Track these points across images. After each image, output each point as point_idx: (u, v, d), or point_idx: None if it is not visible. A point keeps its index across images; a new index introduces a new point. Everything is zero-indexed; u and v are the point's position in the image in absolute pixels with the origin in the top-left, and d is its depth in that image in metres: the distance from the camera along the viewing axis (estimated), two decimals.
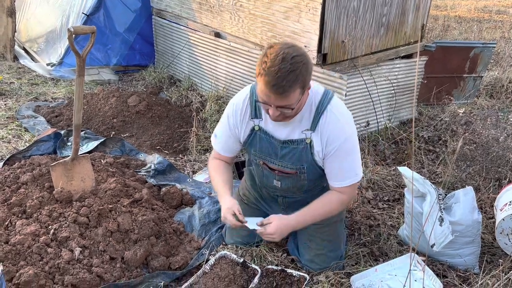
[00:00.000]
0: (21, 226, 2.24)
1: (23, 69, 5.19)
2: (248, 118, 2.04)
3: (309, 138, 1.96)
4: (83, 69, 2.28)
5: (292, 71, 1.67)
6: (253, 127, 2.04)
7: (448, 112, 4.00)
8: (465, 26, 8.40)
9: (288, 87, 1.69)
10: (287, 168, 2.06)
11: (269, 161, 2.08)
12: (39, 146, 3.16)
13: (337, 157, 1.96)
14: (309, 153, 1.99)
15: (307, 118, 1.94)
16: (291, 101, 1.76)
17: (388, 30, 3.65)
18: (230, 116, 2.09)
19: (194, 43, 4.59)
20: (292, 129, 1.98)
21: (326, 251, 2.28)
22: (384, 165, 3.43)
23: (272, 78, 1.67)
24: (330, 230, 2.29)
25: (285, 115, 1.85)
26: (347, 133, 1.95)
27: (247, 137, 2.08)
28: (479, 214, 2.30)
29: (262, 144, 2.05)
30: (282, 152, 2.03)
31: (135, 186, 2.77)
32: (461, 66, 4.29)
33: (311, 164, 2.03)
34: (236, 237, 2.43)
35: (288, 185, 2.15)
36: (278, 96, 1.72)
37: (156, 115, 3.92)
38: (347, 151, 1.96)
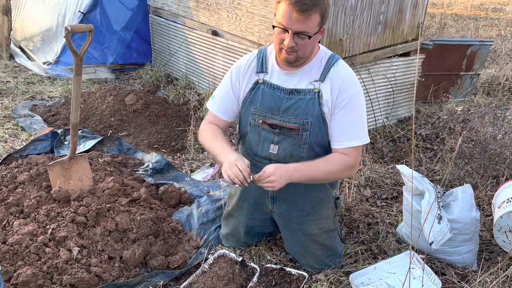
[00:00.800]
0: (18, 226, 2.23)
1: (19, 67, 5.16)
2: (252, 72, 2.00)
3: (318, 88, 1.91)
4: (80, 68, 2.27)
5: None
6: (257, 81, 1.99)
7: (445, 110, 4.01)
8: (462, 24, 8.42)
9: (310, 6, 1.69)
10: (290, 123, 1.95)
11: (270, 117, 1.98)
12: (36, 145, 3.14)
13: (348, 110, 1.90)
14: (316, 104, 1.91)
15: (317, 69, 1.92)
16: (310, 26, 1.74)
17: (386, 28, 3.65)
18: (232, 72, 2.05)
19: (191, 41, 4.57)
20: (300, 79, 1.94)
21: (322, 256, 2.25)
22: (382, 163, 3.43)
23: None
24: (324, 241, 2.24)
25: (298, 53, 1.81)
26: (359, 87, 1.93)
27: (248, 92, 2.01)
28: (477, 212, 2.30)
29: (264, 98, 1.98)
30: (287, 104, 1.94)
31: (133, 185, 2.76)
32: (458, 64, 4.30)
33: (316, 119, 1.92)
34: (233, 243, 2.42)
35: (286, 150, 1.99)
36: (300, 15, 1.69)
37: (153, 113, 3.90)
38: (358, 106, 1.92)
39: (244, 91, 2.03)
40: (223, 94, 2.09)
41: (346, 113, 1.90)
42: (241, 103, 2.05)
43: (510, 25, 8.61)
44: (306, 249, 2.25)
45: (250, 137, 2.08)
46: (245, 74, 2.01)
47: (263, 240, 2.44)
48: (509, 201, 2.42)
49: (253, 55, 2.04)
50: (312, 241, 2.22)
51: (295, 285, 2.15)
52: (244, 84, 2.02)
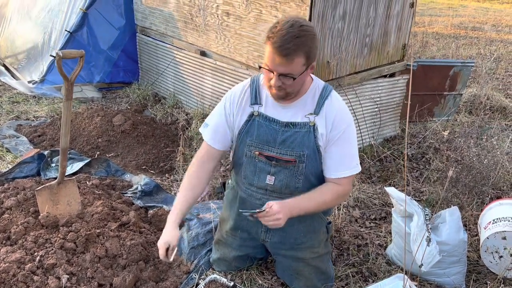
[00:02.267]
0: (5, 254, 2.18)
1: (3, 86, 5.10)
2: (246, 104, 2.02)
3: (313, 122, 1.94)
4: (71, 92, 2.26)
5: (299, 37, 1.71)
6: (252, 113, 2.00)
7: (430, 130, 4.09)
8: (443, 43, 8.63)
9: (292, 50, 1.71)
10: (287, 155, 1.98)
11: (266, 149, 2.00)
12: (22, 168, 3.10)
13: (341, 142, 1.95)
14: (312, 137, 1.95)
15: (311, 102, 1.96)
16: (294, 69, 1.76)
17: (372, 50, 3.73)
18: (226, 103, 2.05)
19: (179, 61, 4.59)
20: (295, 113, 1.97)
21: (315, 280, 2.25)
22: (370, 183, 3.47)
23: (278, 39, 1.70)
24: (317, 264, 2.25)
25: (286, 91, 1.85)
26: (351, 120, 1.99)
27: (243, 124, 2.02)
28: (465, 234, 2.35)
29: (260, 130, 1.99)
30: (283, 136, 1.97)
31: (122, 208, 2.73)
32: (441, 84, 4.40)
33: (312, 151, 1.96)
34: (224, 267, 2.41)
35: (282, 181, 2.02)
36: (283, 59, 1.73)
37: (141, 134, 3.89)
38: (350, 138, 1.97)
39: (239, 123, 2.03)
40: (217, 123, 2.08)
41: (339, 146, 1.96)
42: (237, 134, 2.05)
43: (489, 43, 8.87)
44: (299, 272, 2.25)
45: (246, 168, 2.09)
46: (240, 106, 2.02)
47: (255, 264, 2.44)
48: (495, 221, 2.47)
49: (246, 85, 2.04)
50: (305, 264, 2.23)
51: None
52: (239, 115, 2.03)
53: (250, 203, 2.14)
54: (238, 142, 2.06)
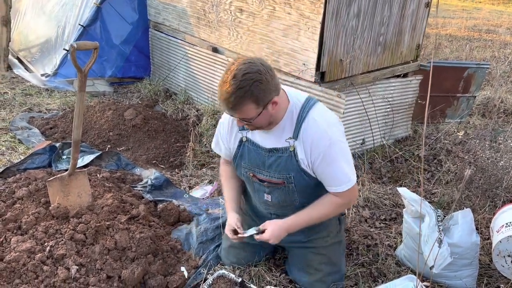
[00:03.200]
0: (16, 243, 2.19)
1: (17, 79, 5.14)
2: (236, 130, 2.09)
3: (293, 146, 1.96)
4: (84, 84, 2.27)
5: (240, 88, 1.72)
6: (241, 139, 2.09)
7: (443, 132, 4.04)
8: (456, 45, 8.54)
9: (237, 103, 1.75)
10: (274, 178, 2.06)
11: (258, 172, 2.10)
12: (34, 159, 3.12)
13: (325, 163, 1.94)
14: (294, 161, 1.98)
15: (289, 126, 1.96)
16: (246, 115, 1.81)
17: (385, 49, 3.70)
18: (220, 134, 2.19)
19: (191, 57, 4.59)
20: (276, 139, 2.00)
21: (325, 274, 2.25)
22: (380, 184, 3.44)
23: (222, 93, 1.76)
24: (328, 253, 2.27)
25: (253, 126, 1.91)
26: (332, 138, 1.91)
27: (236, 149, 2.13)
28: (477, 236, 2.31)
29: (250, 155, 2.09)
30: (269, 161, 2.04)
31: (132, 202, 2.74)
32: (455, 86, 4.35)
33: (297, 173, 2.00)
34: (233, 257, 2.41)
35: (278, 198, 2.13)
36: (229, 110, 1.80)
37: (152, 129, 3.90)
38: (334, 157, 1.93)
39: (233, 146, 2.14)
40: (221, 143, 2.22)
41: (324, 167, 1.95)
42: (233, 157, 2.17)
43: (503, 47, 8.75)
44: (309, 264, 2.25)
45: (247, 185, 2.27)
46: (231, 133, 2.12)
47: (263, 260, 2.42)
48: (508, 225, 2.43)
49: None
50: (316, 254, 2.25)
51: None
52: (232, 140, 2.13)
53: (258, 210, 2.34)
54: (235, 163, 2.19)
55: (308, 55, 3.30)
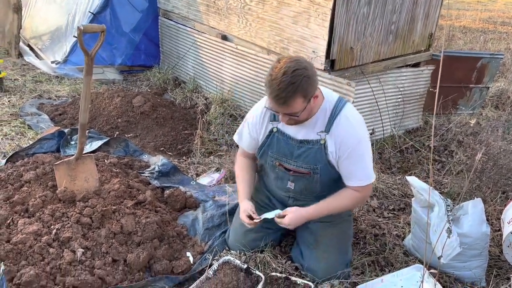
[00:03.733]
0: (23, 225, 2.20)
1: (27, 66, 5.17)
2: (267, 121, 2.19)
3: (324, 139, 2.07)
4: (91, 68, 2.26)
5: (292, 83, 1.82)
6: (272, 129, 2.18)
7: (454, 122, 3.98)
8: (470, 36, 8.40)
9: (288, 98, 1.85)
10: (302, 168, 2.15)
11: (285, 161, 2.18)
12: (42, 144, 3.13)
13: (351, 160, 2.06)
14: (323, 153, 2.08)
15: (322, 121, 2.07)
16: (294, 110, 1.91)
17: (397, 37, 3.63)
18: (250, 122, 2.25)
19: (200, 45, 4.57)
20: (308, 131, 2.10)
21: (333, 253, 2.25)
22: (389, 174, 3.40)
23: (273, 89, 1.85)
24: (338, 230, 2.31)
25: (295, 120, 2.00)
26: (360, 137, 2.06)
27: (265, 138, 2.21)
28: (488, 227, 2.27)
29: (279, 145, 2.17)
30: (298, 152, 2.13)
31: (138, 187, 2.74)
32: (468, 76, 4.27)
33: (325, 165, 2.11)
34: (240, 234, 2.39)
35: (301, 186, 2.22)
36: (280, 106, 1.89)
37: (160, 116, 3.89)
38: (360, 155, 2.06)
39: (262, 136, 2.23)
40: (246, 136, 2.30)
41: (350, 162, 2.07)
42: (260, 146, 2.25)
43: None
44: (319, 240, 2.28)
45: (269, 174, 2.33)
46: (261, 124, 2.21)
47: (269, 247, 2.41)
48: None
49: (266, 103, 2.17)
50: (328, 227, 2.29)
51: None
52: (261, 131, 2.22)
53: (278, 195, 2.37)
54: (260, 152, 2.27)
55: (318, 42, 3.26)
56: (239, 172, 2.38)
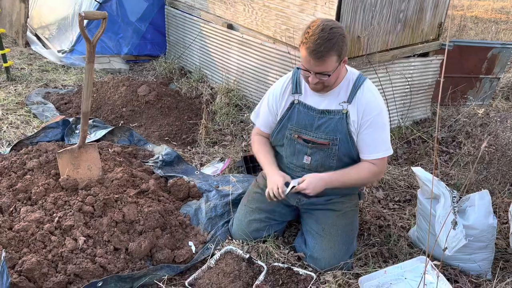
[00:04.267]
0: (25, 213, 2.21)
1: (34, 55, 5.17)
2: (288, 94, 2.25)
3: (346, 109, 2.13)
4: (93, 55, 2.24)
5: (330, 40, 1.89)
6: (293, 101, 2.23)
7: (463, 113, 3.91)
8: (482, 27, 8.24)
9: (325, 53, 1.91)
10: (321, 138, 2.18)
11: (304, 133, 2.22)
12: (47, 133, 3.13)
13: (371, 129, 2.12)
14: (344, 123, 2.14)
15: (344, 92, 2.14)
16: (327, 68, 1.96)
17: (405, 26, 3.56)
18: (270, 97, 2.31)
19: (206, 34, 4.53)
20: (330, 101, 2.16)
21: (338, 243, 2.24)
22: (395, 165, 3.36)
23: (312, 44, 1.90)
24: (345, 220, 2.31)
25: (324, 84, 2.06)
26: (381, 108, 2.14)
27: (285, 111, 2.26)
28: (495, 219, 2.22)
29: (299, 116, 2.22)
30: (319, 122, 2.18)
31: (142, 176, 2.73)
32: (478, 67, 4.19)
33: (344, 136, 2.15)
34: (245, 228, 2.38)
35: (317, 161, 2.23)
36: (317, 61, 1.93)
37: (165, 105, 3.87)
38: (380, 124, 2.13)
39: (282, 110, 2.28)
40: (264, 113, 2.36)
41: (370, 132, 2.13)
42: (279, 120, 2.29)
43: None
44: (325, 229, 2.28)
45: (286, 149, 2.31)
46: (282, 97, 2.27)
47: (272, 237, 2.39)
48: None
49: (288, 78, 2.28)
50: (334, 216, 2.30)
51: (302, 286, 2.10)
52: (282, 105, 2.27)
53: (291, 176, 2.30)
54: (279, 127, 2.30)
55: None
56: (259, 147, 2.40)
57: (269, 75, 3.83)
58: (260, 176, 2.58)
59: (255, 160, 3.12)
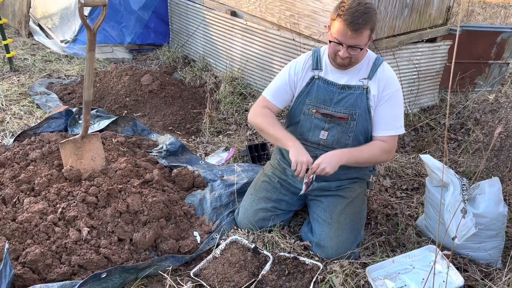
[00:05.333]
0: (28, 204, 2.19)
1: (37, 45, 5.14)
2: (308, 69, 2.27)
3: (366, 85, 2.18)
4: (93, 43, 2.20)
5: (366, 13, 1.95)
6: (313, 77, 2.25)
7: (472, 99, 3.84)
8: (490, 12, 8.09)
9: (362, 25, 1.96)
10: (341, 113, 2.21)
11: (323, 107, 2.24)
12: (50, 123, 3.11)
13: (389, 104, 2.17)
14: (364, 98, 2.18)
15: (365, 69, 2.20)
16: (362, 41, 2.01)
17: (413, 11, 3.48)
18: (291, 69, 2.30)
19: (209, 22, 4.46)
20: (350, 77, 2.20)
21: (346, 231, 2.22)
22: (403, 153, 3.30)
23: (349, 16, 1.94)
24: (353, 208, 2.29)
25: (351, 59, 2.09)
26: (399, 86, 2.21)
27: (304, 86, 2.27)
28: (505, 207, 2.18)
29: (319, 91, 2.24)
30: (339, 97, 2.21)
31: (146, 166, 2.70)
32: (487, 52, 4.10)
33: (364, 111, 2.18)
34: (251, 217, 2.36)
35: (334, 136, 2.23)
36: (354, 33, 1.97)
37: (169, 95, 3.83)
38: (398, 101, 2.19)
39: (300, 85, 2.28)
40: (280, 84, 2.32)
41: (387, 107, 2.18)
42: (297, 95, 2.29)
43: None
44: (333, 218, 2.26)
45: (302, 125, 2.30)
46: (303, 71, 2.27)
47: (278, 227, 2.36)
48: None
49: (309, 55, 2.30)
50: (343, 205, 2.29)
51: (309, 275, 2.08)
52: (301, 79, 2.27)
53: None
54: (297, 102, 2.30)
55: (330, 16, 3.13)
56: (271, 120, 2.28)
57: (273, 62, 3.77)
58: (267, 164, 2.55)
59: (260, 149, 3.09)
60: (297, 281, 2.05)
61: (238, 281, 2.03)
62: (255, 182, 2.50)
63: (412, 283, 2.04)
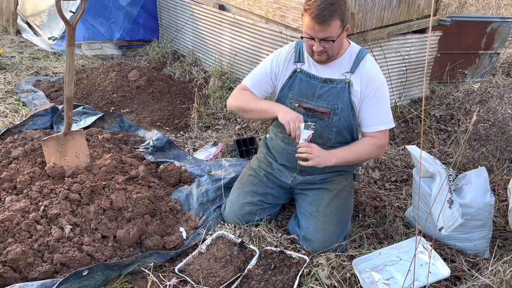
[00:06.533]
0: (10, 202, 2.16)
1: (25, 43, 5.08)
2: (290, 62, 2.24)
3: (349, 79, 2.14)
4: (73, 38, 2.17)
5: (332, 4, 1.92)
6: (295, 70, 2.22)
7: (461, 90, 3.82)
8: (483, 3, 8.06)
9: (328, 16, 1.92)
10: (322, 107, 2.17)
11: (305, 102, 2.20)
12: (35, 121, 3.07)
13: (374, 100, 2.13)
14: (346, 93, 2.14)
15: (347, 62, 2.16)
16: (332, 33, 1.97)
17: (401, 2, 3.45)
18: (274, 59, 2.27)
19: (198, 16, 4.42)
20: (333, 71, 2.17)
21: (332, 224, 2.20)
22: (392, 145, 3.29)
23: (315, 9, 1.92)
24: (340, 201, 2.27)
25: (328, 53, 2.05)
26: (383, 80, 2.17)
27: (287, 79, 2.24)
28: (492, 197, 2.16)
29: (301, 85, 2.21)
30: (321, 91, 2.17)
31: (131, 162, 2.67)
32: (477, 42, 4.08)
33: (346, 106, 2.15)
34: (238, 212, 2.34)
35: (317, 131, 2.17)
36: (321, 26, 1.94)
37: (157, 90, 3.79)
38: (383, 96, 2.15)
39: (283, 78, 2.25)
40: (261, 74, 2.30)
41: (373, 103, 2.14)
42: (280, 89, 2.27)
43: None
44: (320, 211, 2.24)
45: None
46: (285, 63, 2.24)
47: (265, 221, 2.34)
48: None
49: (292, 47, 2.27)
50: (329, 198, 2.27)
51: (295, 269, 2.06)
52: (283, 71, 2.25)
53: (287, 152, 2.31)
54: (280, 96, 2.28)
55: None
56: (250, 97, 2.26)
57: (262, 56, 3.73)
58: (254, 158, 2.53)
59: (248, 143, 3.07)
60: (283, 275, 2.03)
61: (224, 276, 2.01)
62: (242, 176, 2.47)
63: (399, 274, 2.02)
